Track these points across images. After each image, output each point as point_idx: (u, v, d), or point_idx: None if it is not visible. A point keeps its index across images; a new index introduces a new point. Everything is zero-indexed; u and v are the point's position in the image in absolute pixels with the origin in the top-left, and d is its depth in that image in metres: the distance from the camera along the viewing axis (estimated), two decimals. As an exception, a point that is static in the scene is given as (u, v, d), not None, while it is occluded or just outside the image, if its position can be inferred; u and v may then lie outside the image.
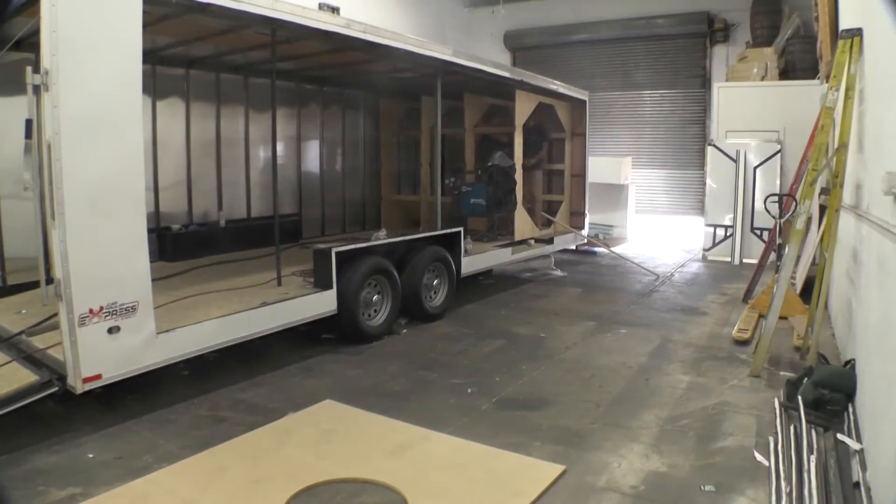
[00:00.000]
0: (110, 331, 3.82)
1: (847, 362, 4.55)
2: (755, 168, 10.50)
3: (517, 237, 8.68)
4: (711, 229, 11.00)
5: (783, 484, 3.23)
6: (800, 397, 4.06)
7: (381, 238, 6.47)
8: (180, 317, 4.57)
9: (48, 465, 3.53)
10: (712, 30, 12.88)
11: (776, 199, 7.14)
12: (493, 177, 8.31)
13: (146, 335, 4.04)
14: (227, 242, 7.55)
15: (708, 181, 11.10)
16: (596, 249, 11.59)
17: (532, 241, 9.06)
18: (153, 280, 4.20)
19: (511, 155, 8.50)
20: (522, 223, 8.83)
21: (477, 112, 9.46)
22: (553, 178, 10.73)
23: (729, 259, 10.68)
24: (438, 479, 3.39)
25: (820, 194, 6.45)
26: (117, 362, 3.91)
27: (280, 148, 8.34)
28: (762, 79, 11.11)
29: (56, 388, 3.77)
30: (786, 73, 11.23)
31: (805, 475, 3.23)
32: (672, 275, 9.68)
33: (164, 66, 6.96)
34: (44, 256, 3.94)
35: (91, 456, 3.66)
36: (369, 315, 6.05)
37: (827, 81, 5.55)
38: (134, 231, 3.97)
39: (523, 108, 8.58)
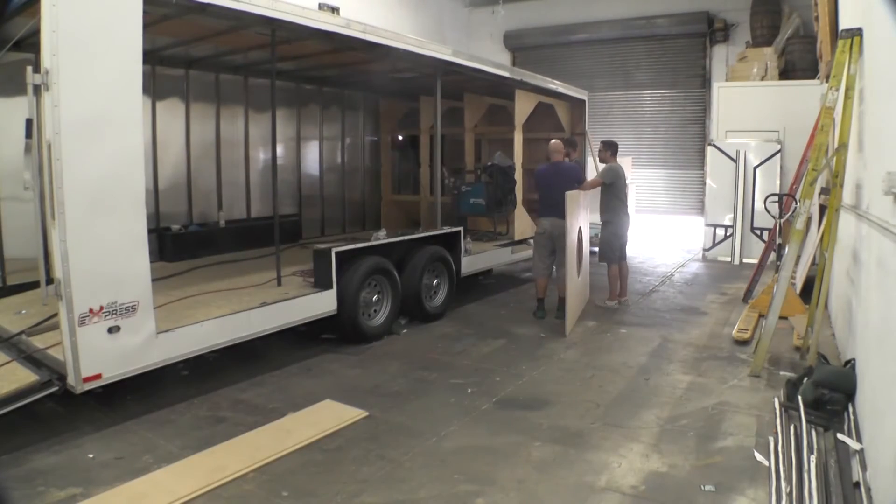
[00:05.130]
0: (110, 330, 3.82)
1: (847, 362, 4.54)
2: (755, 168, 10.49)
3: (517, 237, 8.68)
4: (711, 229, 11.00)
5: (783, 484, 3.23)
6: (800, 397, 4.06)
7: (381, 238, 6.47)
8: (180, 317, 4.57)
9: (48, 465, 3.53)
10: (712, 30, 12.89)
11: (776, 199, 7.14)
12: (492, 176, 8.30)
13: (146, 335, 4.04)
14: (227, 242, 7.55)
15: (708, 181, 11.10)
16: (596, 249, 11.56)
17: (531, 241, 9.06)
18: (153, 280, 4.20)
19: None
20: (522, 223, 8.82)
21: (477, 112, 9.46)
22: None
23: (729, 259, 10.68)
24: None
25: (820, 194, 6.45)
26: (117, 362, 3.91)
27: (280, 148, 8.34)
28: (762, 79, 11.12)
29: (56, 388, 3.77)
30: (786, 73, 11.24)
31: (805, 475, 3.23)
32: (672, 275, 9.68)
33: (164, 66, 6.96)
34: (44, 256, 3.94)
35: (91, 456, 3.66)
36: (369, 315, 6.05)
37: (827, 81, 5.55)
38: (134, 231, 3.97)
39: (523, 107, 8.57)
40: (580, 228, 6.99)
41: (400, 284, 6.31)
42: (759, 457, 3.66)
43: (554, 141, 7.19)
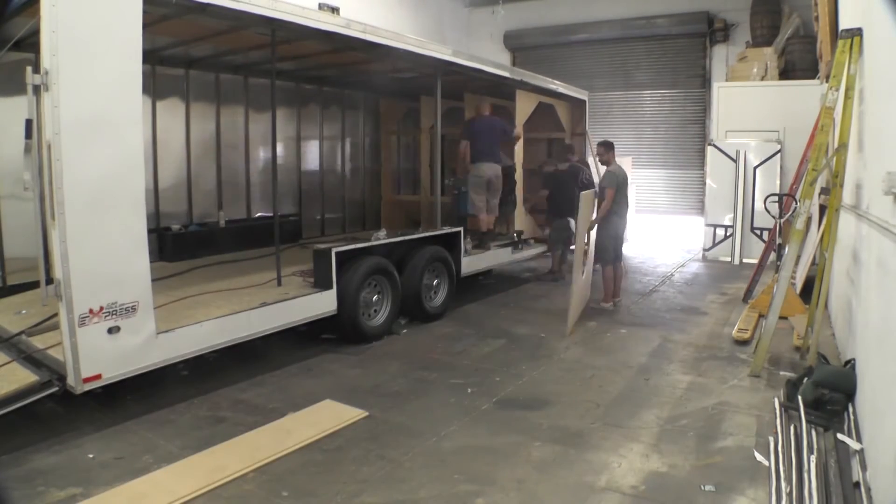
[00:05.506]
0: (110, 331, 3.82)
1: (847, 362, 4.55)
2: (755, 168, 10.49)
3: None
4: (711, 229, 11.00)
5: (783, 484, 3.23)
6: (800, 397, 4.06)
7: (381, 238, 6.47)
8: (180, 317, 4.57)
9: (48, 465, 3.53)
10: (712, 30, 12.88)
11: (776, 199, 7.14)
12: None
13: (146, 335, 4.04)
14: (227, 242, 7.55)
15: (708, 181, 11.10)
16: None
17: (532, 241, 9.07)
18: (153, 280, 4.19)
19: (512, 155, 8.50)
20: (524, 223, 8.82)
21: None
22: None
23: (729, 259, 10.68)
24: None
25: (820, 194, 6.45)
26: (117, 362, 3.91)
27: (280, 148, 8.34)
28: (762, 79, 11.11)
29: (56, 388, 3.77)
30: (786, 73, 11.23)
31: (805, 475, 3.23)
32: (672, 275, 9.68)
33: (164, 66, 6.96)
34: (44, 256, 3.94)
35: (91, 456, 3.66)
36: (369, 315, 6.05)
37: (827, 81, 5.55)
38: (134, 231, 3.97)
39: (524, 107, 8.56)
40: (590, 230, 7.01)
41: (400, 284, 6.31)
42: (759, 457, 3.66)
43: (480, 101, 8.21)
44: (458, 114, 9.42)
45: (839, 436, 3.67)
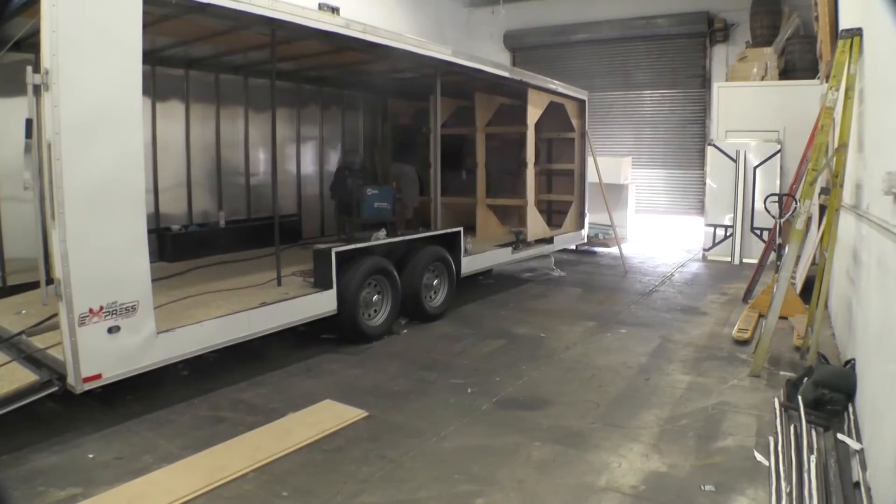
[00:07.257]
0: (110, 330, 3.82)
1: (847, 362, 4.55)
2: (755, 168, 10.50)
3: (530, 238, 8.67)
4: (711, 229, 11.01)
5: (783, 484, 3.23)
6: (800, 397, 4.06)
7: (381, 238, 6.47)
8: (180, 317, 4.57)
9: (48, 465, 3.53)
10: (712, 30, 12.88)
11: (776, 199, 7.14)
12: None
13: (146, 335, 4.04)
14: (227, 242, 7.55)
15: (708, 181, 11.11)
16: (596, 249, 11.62)
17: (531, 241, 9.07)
18: (153, 280, 4.20)
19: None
20: (535, 224, 8.82)
21: (488, 111, 9.41)
22: (555, 178, 10.74)
23: (729, 259, 10.68)
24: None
25: (820, 194, 6.45)
26: (117, 362, 3.91)
27: (280, 148, 8.34)
28: (762, 79, 11.12)
29: (56, 388, 3.77)
30: (786, 73, 11.23)
31: (805, 475, 3.23)
32: (672, 275, 9.68)
33: (164, 66, 6.96)
34: (44, 256, 3.94)
35: (91, 456, 3.66)
36: (369, 315, 6.05)
37: (827, 81, 5.55)
38: (134, 231, 3.97)
39: (535, 107, 8.54)
40: None
41: (400, 284, 6.31)
42: (759, 457, 3.66)
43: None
44: (468, 113, 9.40)
45: (839, 436, 3.67)
